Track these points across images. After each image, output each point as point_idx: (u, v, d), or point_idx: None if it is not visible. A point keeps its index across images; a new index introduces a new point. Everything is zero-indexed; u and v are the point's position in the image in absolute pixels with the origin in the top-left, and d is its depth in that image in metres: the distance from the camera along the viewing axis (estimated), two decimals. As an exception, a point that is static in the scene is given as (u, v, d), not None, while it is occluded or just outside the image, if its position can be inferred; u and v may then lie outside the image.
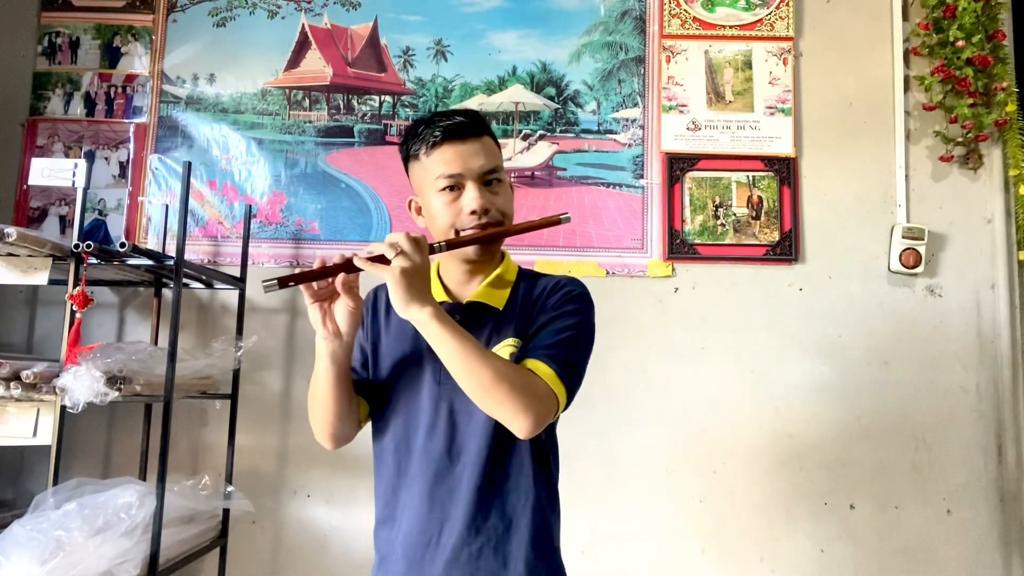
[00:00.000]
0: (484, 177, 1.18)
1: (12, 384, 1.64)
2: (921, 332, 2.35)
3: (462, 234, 1.17)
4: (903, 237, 2.33)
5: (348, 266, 1.07)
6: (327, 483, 2.31)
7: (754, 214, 2.40)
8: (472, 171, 1.17)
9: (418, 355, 1.20)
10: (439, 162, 1.17)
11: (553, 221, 1.20)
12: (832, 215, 2.40)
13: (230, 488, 2.09)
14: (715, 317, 2.35)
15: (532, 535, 1.15)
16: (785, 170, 2.41)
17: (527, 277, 1.26)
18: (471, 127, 1.19)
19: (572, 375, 1.12)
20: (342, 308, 1.12)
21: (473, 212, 1.16)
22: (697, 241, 2.39)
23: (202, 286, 2.35)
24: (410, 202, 1.27)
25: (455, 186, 1.17)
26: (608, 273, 2.37)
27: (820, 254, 2.39)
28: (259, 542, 2.29)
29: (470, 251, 1.19)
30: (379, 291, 1.30)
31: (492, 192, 1.19)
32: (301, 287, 1.09)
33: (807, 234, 2.40)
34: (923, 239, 2.33)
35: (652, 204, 2.41)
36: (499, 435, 1.13)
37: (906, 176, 2.41)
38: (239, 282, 2.28)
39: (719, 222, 2.40)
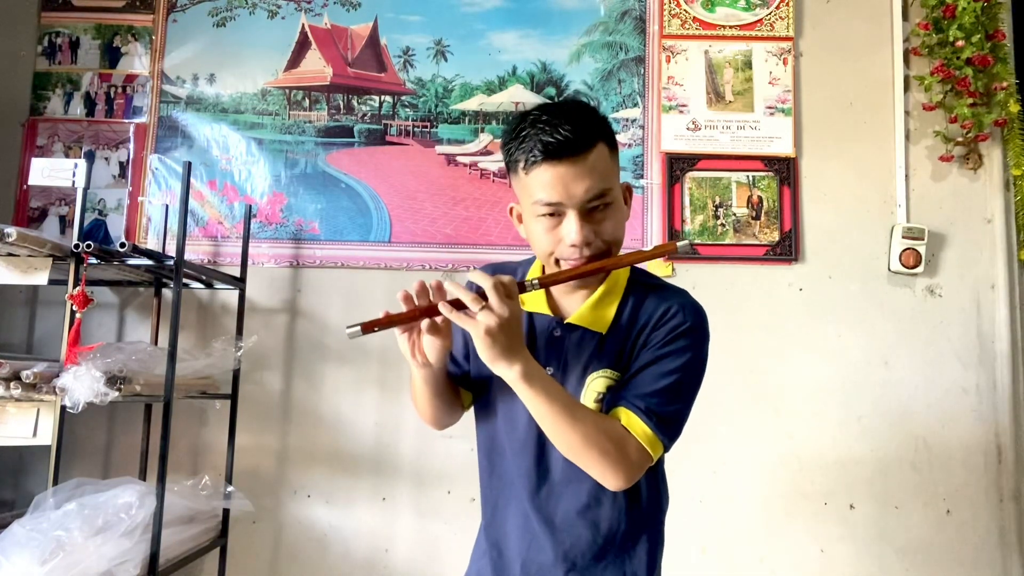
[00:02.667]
0: (588, 204, 1.03)
1: (12, 384, 1.64)
2: (921, 332, 2.35)
3: (562, 264, 1.07)
4: (903, 237, 2.33)
5: (432, 311, 1.00)
6: (327, 483, 2.31)
7: (754, 214, 2.40)
8: (574, 199, 1.02)
9: None
10: (538, 185, 1.03)
11: (668, 249, 1.10)
12: (832, 215, 2.40)
13: (230, 488, 2.09)
14: (715, 317, 2.32)
15: (623, 568, 1.11)
16: (785, 170, 2.41)
17: (638, 288, 1.14)
18: (577, 143, 1.01)
19: (670, 428, 1.05)
20: (430, 343, 1.05)
21: (573, 245, 1.04)
22: (697, 241, 2.39)
23: (202, 286, 2.35)
24: (511, 209, 1.17)
25: (555, 213, 1.04)
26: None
27: (820, 254, 2.39)
28: (259, 542, 2.29)
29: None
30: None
31: (597, 220, 1.05)
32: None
33: (807, 234, 2.40)
34: (923, 239, 2.33)
35: (652, 204, 2.41)
36: None
37: (906, 176, 2.41)
38: (239, 282, 2.27)
39: (719, 222, 2.40)
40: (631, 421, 1.03)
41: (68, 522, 1.56)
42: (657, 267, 2.36)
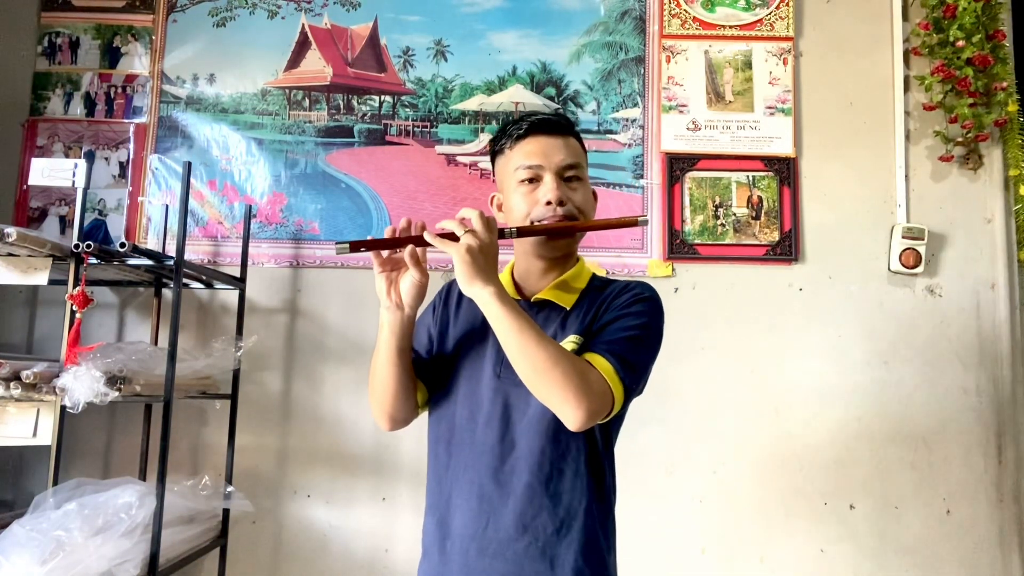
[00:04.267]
0: (564, 171, 1.20)
1: (12, 384, 1.64)
2: (921, 332, 2.35)
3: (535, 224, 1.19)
4: (903, 237, 2.33)
5: (418, 239, 1.10)
6: (327, 483, 2.31)
7: (754, 214, 2.40)
8: (552, 163, 1.19)
9: (482, 347, 1.20)
10: (521, 154, 1.21)
11: (629, 222, 1.22)
12: (832, 215, 2.40)
13: (230, 488, 2.09)
14: (715, 317, 2.35)
15: (583, 541, 1.12)
16: (785, 170, 2.41)
17: (601, 280, 1.26)
18: (556, 124, 1.23)
19: (631, 374, 1.10)
20: (408, 280, 1.13)
21: (549, 203, 1.17)
22: (697, 241, 2.39)
23: (202, 286, 2.35)
24: (492, 198, 1.30)
25: (534, 178, 1.20)
26: (608, 273, 2.37)
27: (820, 254, 2.39)
28: (259, 542, 2.29)
29: (543, 246, 1.20)
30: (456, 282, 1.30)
31: (571, 188, 1.20)
32: (371, 254, 1.12)
33: (807, 234, 2.40)
34: (923, 239, 2.33)
35: (652, 204, 2.41)
36: (553, 433, 1.12)
37: (906, 176, 2.41)
38: (239, 282, 2.28)
39: (719, 222, 2.40)
40: (594, 358, 1.09)
41: (68, 522, 1.56)
42: (657, 267, 2.37)
